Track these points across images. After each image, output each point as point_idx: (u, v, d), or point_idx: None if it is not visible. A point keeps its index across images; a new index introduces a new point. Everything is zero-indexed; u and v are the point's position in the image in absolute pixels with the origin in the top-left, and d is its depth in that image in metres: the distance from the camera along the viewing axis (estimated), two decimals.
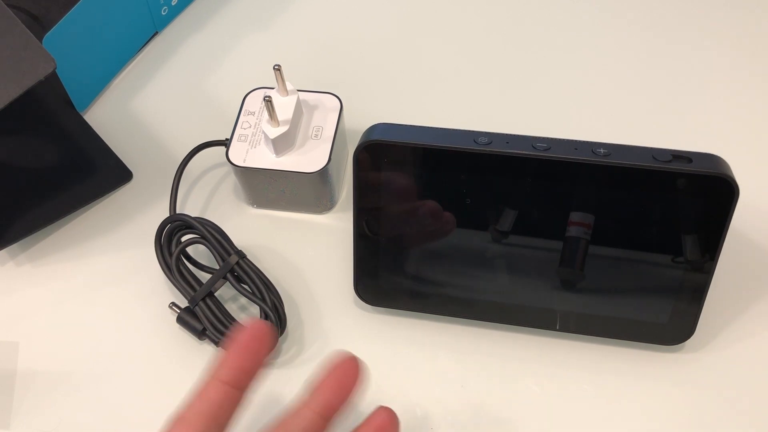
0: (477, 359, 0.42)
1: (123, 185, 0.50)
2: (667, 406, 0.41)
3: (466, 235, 0.40)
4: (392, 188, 0.40)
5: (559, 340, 0.43)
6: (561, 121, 0.50)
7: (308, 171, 0.44)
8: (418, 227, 0.41)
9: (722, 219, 0.37)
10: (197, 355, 0.43)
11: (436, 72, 0.53)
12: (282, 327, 0.42)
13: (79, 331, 0.45)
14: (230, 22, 0.57)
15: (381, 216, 0.40)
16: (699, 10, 0.55)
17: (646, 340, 0.41)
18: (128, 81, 0.54)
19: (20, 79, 0.39)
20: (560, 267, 0.40)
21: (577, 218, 0.38)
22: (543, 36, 0.54)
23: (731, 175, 0.36)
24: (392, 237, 0.41)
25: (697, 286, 0.39)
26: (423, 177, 0.39)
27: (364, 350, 0.43)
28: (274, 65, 0.43)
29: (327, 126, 0.45)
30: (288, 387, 0.42)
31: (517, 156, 0.37)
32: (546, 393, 0.41)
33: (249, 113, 0.46)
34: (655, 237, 0.38)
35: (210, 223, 0.43)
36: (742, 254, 0.44)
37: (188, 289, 0.43)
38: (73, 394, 0.43)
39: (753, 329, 0.42)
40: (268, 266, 0.46)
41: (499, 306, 0.42)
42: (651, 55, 0.53)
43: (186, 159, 0.47)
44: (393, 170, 0.39)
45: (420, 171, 0.39)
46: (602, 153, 0.37)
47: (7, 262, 0.47)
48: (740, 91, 0.51)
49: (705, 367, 0.42)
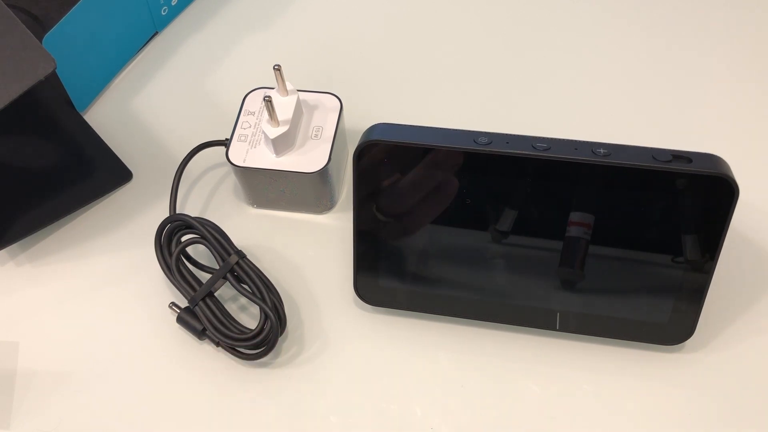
0: (477, 359, 0.42)
1: (123, 185, 0.50)
2: (667, 406, 0.41)
3: (466, 235, 0.40)
4: (392, 188, 0.40)
5: (559, 340, 0.43)
6: (561, 121, 0.50)
7: (308, 171, 0.44)
8: (418, 226, 0.41)
9: (722, 219, 0.37)
10: (197, 355, 0.43)
11: (437, 72, 0.53)
12: (282, 327, 0.42)
13: (79, 331, 0.45)
14: (230, 22, 0.57)
15: (381, 215, 0.40)
16: (699, 10, 0.55)
17: (646, 340, 0.41)
18: (128, 81, 0.54)
19: (20, 79, 0.39)
20: (560, 267, 0.40)
21: (577, 218, 0.38)
22: (543, 36, 0.54)
23: (731, 175, 0.36)
24: (392, 236, 0.41)
25: (697, 286, 0.39)
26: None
27: (364, 350, 0.43)
28: (274, 65, 0.43)
29: (327, 126, 0.45)
30: (288, 387, 0.42)
31: (517, 156, 0.37)
32: (546, 393, 0.41)
33: (249, 113, 0.46)
34: (655, 237, 0.38)
35: (210, 223, 0.43)
36: (742, 254, 0.44)
37: (188, 289, 0.43)
38: (73, 394, 0.43)
39: (753, 329, 0.42)
40: (268, 266, 0.46)
41: (499, 306, 0.42)
42: (651, 55, 0.53)
43: (186, 159, 0.47)
44: (393, 170, 0.39)
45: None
46: (602, 153, 0.37)
47: (7, 262, 0.47)
48: (740, 91, 0.51)
49: (705, 367, 0.42)
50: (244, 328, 0.42)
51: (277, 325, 0.41)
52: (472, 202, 0.39)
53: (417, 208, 0.40)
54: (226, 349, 0.42)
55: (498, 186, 0.38)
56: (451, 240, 0.40)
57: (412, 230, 0.41)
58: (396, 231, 0.41)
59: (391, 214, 0.40)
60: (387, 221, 0.40)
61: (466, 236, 0.40)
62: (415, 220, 0.40)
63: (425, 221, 0.40)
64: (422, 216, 0.40)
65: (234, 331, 0.42)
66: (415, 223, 0.41)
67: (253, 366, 0.43)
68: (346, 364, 0.43)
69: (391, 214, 0.40)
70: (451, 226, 0.40)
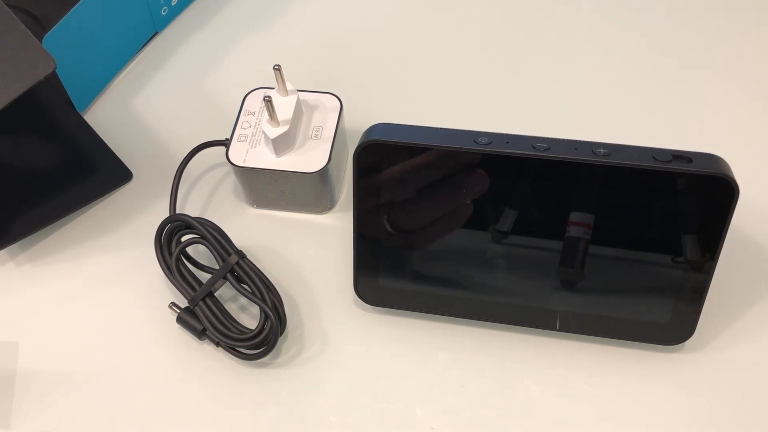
0: (477, 359, 0.42)
1: (123, 185, 0.50)
2: (667, 406, 0.41)
3: (466, 235, 0.40)
4: (392, 188, 0.40)
5: (559, 340, 0.43)
6: (561, 121, 0.50)
7: (308, 171, 0.44)
8: (419, 226, 0.41)
9: (722, 219, 0.37)
10: (197, 355, 0.43)
11: (437, 72, 0.53)
12: (282, 327, 0.42)
13: (79, 331, 0.45)
14: (230, 22, 0.57)
15: (381, 215, 0.40)
16: (699, 10, 0.55)
17: (646, 340, 0.41)
18: (128, 81, 0.54)
19: (20, 79, 0.39)
20: (560, 267, 0.40)
21: (577, 218, 0.38)
22: (543, 36, 0.54)
23: (731, 175, 0.36)
24: (392, 236, 0.41)
25: (697, 286, 0.39)
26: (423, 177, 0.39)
27: (364, 350, 0.43)
28: (274, 65, 0.43)
29: (327, 126, 0.45)
30: (288, 387, 0.42)
31: (517, 156, 0.37)
32: (546, 393, 0.41)
33: (249, 113, 0.46)
34: (655, 237, 0.38)
35: (210, 223, 0.43)
36: (742, 254, 0.44)
37: (188, 289, 0.43)
38: (73, 394, 0.43)
39: (753, 329, 0.42)
40: (268, 266, 0.46)
41: (499, 306, 0.42)
42: (651, 55, 0.53)
43: (186, 159, 0.47)
44: (393, 170, 0.39)
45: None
46: (602, 153, 0.37)
47: (7, 262, 0.47)
48: (740, 91, 0.51)
49: (705, 367, 0.41)
50: (244, 328, 0.42)
51: (277, 325, 0.41)
52: (472, 202, 0.39)
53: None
54: (226, 349, 0.42)
55: (498, 186, 0.38)
56: (452, 240, 0.40)
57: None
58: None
59: (403, 229, 0.40)
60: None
61: (466, 236, 0.40)
62: (426, 238, 0.41)
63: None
64: (434, 234, 0.40)
65: (234, 331, 0.42)
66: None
67: (253, 366, 0.43)
68: (346, 364, 0.43)
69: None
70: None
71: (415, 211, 0.40)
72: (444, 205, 0.39)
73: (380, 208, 0.40)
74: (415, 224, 0.40)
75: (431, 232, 0.40)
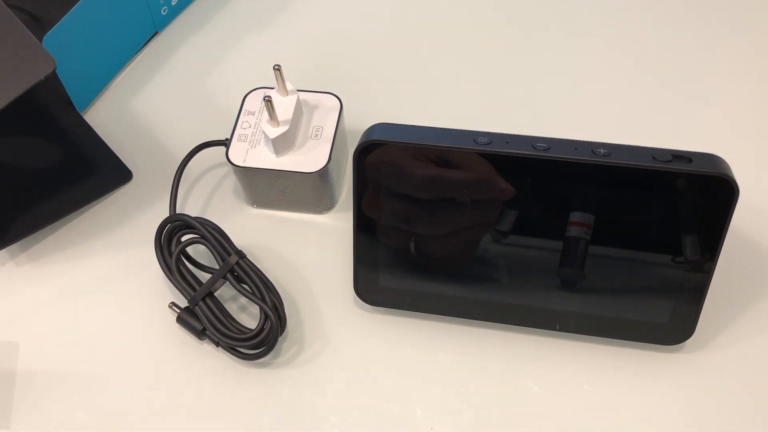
0: (477, 359, 0.42)
1: (123, 185, 0.50)
2: (667, 406, 0.41)
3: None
4: (392, 188, 0.40)
5: (559, 340, 0.43)
6: (561, 121, 0.50)
7: (308, 171, 0.44)
8: (419, 226, 0.41)
9: (722, 219, 0.37)
10: (197, 355, 0.43)
11: (436, 72, 0.53)
12: (282, 327, 0.42)
13: (78, 331, 0.45)
14: (230, 22, 0.57)
15: (381, 215, 0.40)
16: (699, 10, 0.55)
17: (646, 340, 0.41)
18: (128, 81, 0.54)
19: (20, 79, 0.39)
20: (560, 267, 0.40)
21: (577, 218, 0.38)
22: (543, 36, 0.54)
23: (731, 175, 0.36)
24: (393, 236, 0.41)
25: (697, 286, 0.39)
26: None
27: (364, 350, 0.43)
28: (274, 65, 0.43)
29: (327, 126, 0.45)
30: (288, 387, 0.42)
31: (517, 156, 0.37)
32: (546, 393, 0.41)
33: (249, 113, 0.46)
34: (655, 237, 0.38)
35: (210, 223, 0.43)
36: (742, 254, 0.44)
37: (188, 289, 0.43)
38: (73, 394, 0.43)
39: (753, 329, 0.42)
40: (268, 266, 0.46)
41: (499, 306, 0.42)
42: (651, 55, 0.53)
43: (186, 159, 0.47)
44: (393, 170, 0.39)
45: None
46: (602, 153, 0.37)
47: (7, 262, 0.47)
48: (740, 91, 0.51)
49: (705, 367, 0.42)
50: (244, 328, 0.42)
51: (277, 325, 0.41)
52: (472, 202, 0.39)
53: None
54: (226, 349, 0.42)
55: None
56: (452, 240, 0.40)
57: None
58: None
59: (403, 229, 0.40)
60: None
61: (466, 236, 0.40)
62: (426, 237, 0.41)
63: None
64: (418, 235, 0.40)
65: (234, 331, 0.42)
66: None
67: (253, 366, 0.43)
68: (346, 364, 0.43)
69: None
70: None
71: (415, 211, 0.40)
72: (444, 204, 0.39)
73: (380, 208, 0.40)
74: (415, 224, 0.40)
75: (431, 232, 0.40)
